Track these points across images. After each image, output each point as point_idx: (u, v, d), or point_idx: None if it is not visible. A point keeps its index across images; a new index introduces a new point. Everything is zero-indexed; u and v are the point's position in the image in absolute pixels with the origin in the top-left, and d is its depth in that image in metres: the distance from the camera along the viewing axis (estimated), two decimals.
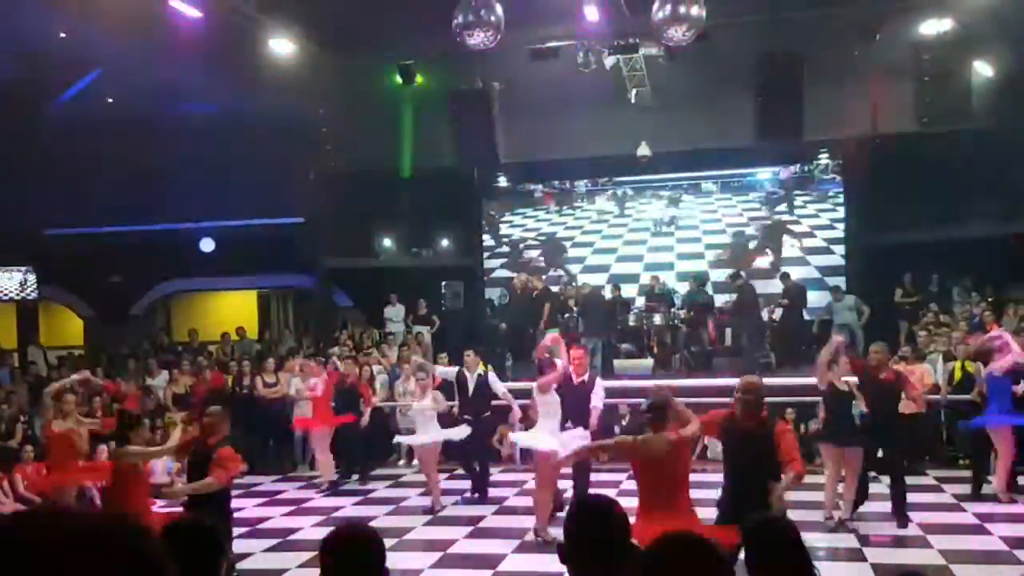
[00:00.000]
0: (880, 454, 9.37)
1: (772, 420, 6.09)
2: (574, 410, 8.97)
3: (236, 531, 9.39)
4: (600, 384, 9.41)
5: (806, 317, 16.25)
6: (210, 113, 15.52)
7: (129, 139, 15.53)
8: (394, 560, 3.02)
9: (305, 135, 15.75)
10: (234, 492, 11.54)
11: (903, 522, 8.83)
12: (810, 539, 3.12)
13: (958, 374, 11.52)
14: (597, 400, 9.15)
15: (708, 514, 6.02)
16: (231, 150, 15.54)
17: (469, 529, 9.45)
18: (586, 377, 9.29)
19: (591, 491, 8.13)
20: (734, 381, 6.13)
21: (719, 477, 6.17)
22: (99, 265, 18.31)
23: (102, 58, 13.80)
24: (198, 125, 15.30)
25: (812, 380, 9.59)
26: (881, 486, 9.45)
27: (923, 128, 13.28)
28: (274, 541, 9.21)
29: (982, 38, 13.04)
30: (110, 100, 14.89)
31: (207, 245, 17.79)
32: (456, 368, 11.09)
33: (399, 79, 14.38)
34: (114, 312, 18.91)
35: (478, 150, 14.64)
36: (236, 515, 10.33)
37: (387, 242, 18.89)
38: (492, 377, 10.94)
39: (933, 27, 12.79)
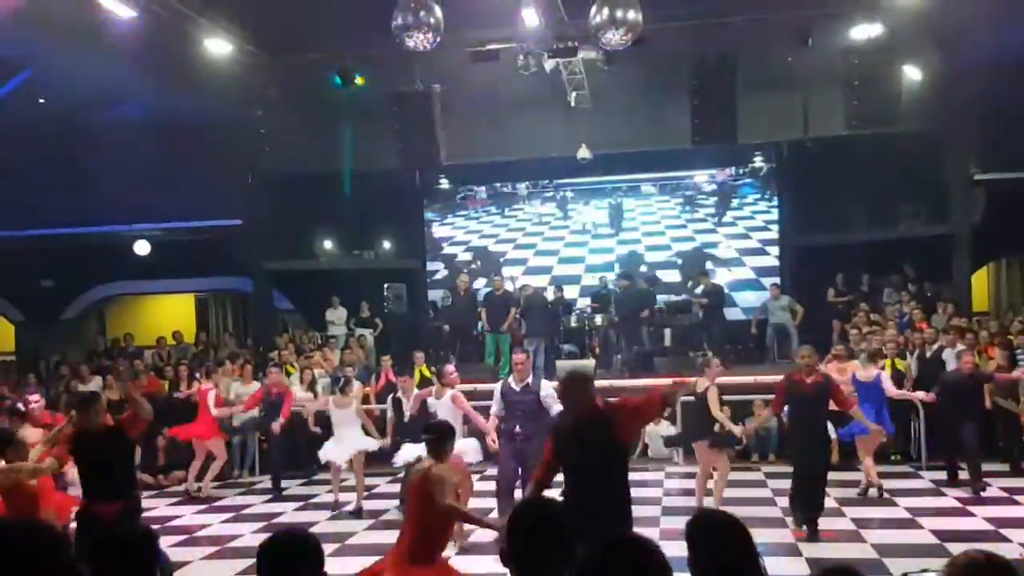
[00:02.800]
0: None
1: (604, 404, 5.37)
2: (524, 416, 8.70)
3: (174, 539, 9.29)
4: (548, 387, 8.76)
5: (744, 317, 16.58)
6: (146, 114, 15.23)
7: (61, 140, 15.19)
8: (333, 565, 3.02)
9: (243, 137, 15.54)
10: (172, 499, 11.49)
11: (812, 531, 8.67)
12: None
13: (888, 372, 11.83)
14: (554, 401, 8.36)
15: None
16: (167, 152, 15.28)
17: None
18: (530, 380, 9.19)
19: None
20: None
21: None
22: (30, 269, 17.87)
23: (33, 59, 13.47)
24: (133, 126, 15.00)
25: (745, 379, 9.84)
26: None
27: (853, 131, 13.57)
28: (212, 548, 9.09)
29: (911, 43, 13.38)
30: (42, 101, 14.54)
31: (142, 248, 17.43)
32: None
33: (338, 81, 14.28)
34: (46, 317, 18.47)
35: (419, 152, 14.57)
36: (174, 522, 10.24)
37: (328, 244, 18.75)
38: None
39: (863, 32, 13.07)
